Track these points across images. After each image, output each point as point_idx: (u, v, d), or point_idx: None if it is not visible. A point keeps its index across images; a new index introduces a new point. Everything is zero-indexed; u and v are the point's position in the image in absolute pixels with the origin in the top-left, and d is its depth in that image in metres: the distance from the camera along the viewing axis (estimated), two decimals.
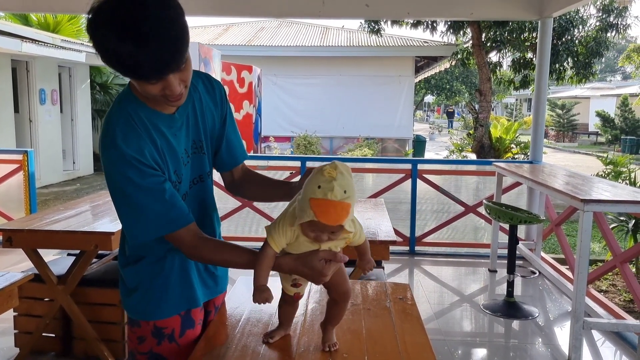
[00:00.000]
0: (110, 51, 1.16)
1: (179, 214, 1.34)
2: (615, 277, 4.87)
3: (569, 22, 11.10)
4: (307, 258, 1.31)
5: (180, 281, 1.49)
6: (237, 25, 18.64)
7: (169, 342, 1.49)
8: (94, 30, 1.17)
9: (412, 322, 1.62)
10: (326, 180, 1.21)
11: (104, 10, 1.15)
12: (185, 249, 1.38)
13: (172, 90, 1.24)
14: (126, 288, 1.51)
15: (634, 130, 23.28)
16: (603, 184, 3.88)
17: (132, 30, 1.12)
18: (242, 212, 5.60)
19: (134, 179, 1.28)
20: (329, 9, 5.10)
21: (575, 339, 3.16)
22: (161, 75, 1.20)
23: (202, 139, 1.49)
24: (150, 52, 1.14)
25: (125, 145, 1.28)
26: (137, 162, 1.29)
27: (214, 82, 1.54)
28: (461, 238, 5.79)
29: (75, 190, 10.05)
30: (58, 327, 3.07)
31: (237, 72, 10.43)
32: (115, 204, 1.35)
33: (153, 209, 1.31)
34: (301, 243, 1.31)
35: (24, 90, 10.01)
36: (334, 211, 1.21)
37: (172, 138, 1.39)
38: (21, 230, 2.78)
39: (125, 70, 1.19)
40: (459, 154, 13.28)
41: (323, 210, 1.20)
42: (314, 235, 1.26)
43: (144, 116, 1.34)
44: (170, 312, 1.48)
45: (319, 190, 1.21)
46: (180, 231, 1.35)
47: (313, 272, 1.31)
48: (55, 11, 9.52)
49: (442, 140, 25.00)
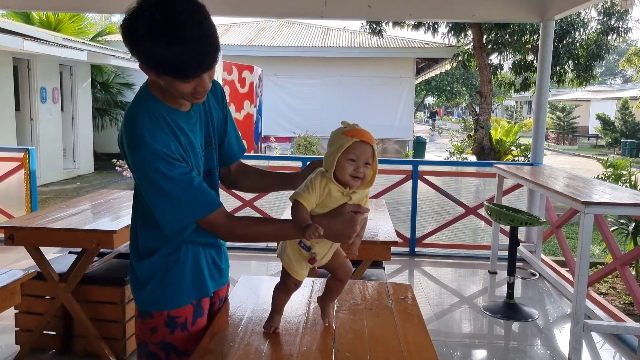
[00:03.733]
0: (157, 56, 1.28)
1: (209, 199, 1.43)
2: (615, 280, 4.88)
3: (570, 24, 11.10)
4: (336, 211, 1.42)
5: (193, 271, 1.56)
6: (239, 26, 18.63)
7: (182, 331, 1.55)
8: (138, 39, 1.29)
9: (414, 322, 1.63)
10: (348, 125, 1.44)
11: (142, 18, 1.26)
12: (220, 230, 1.47)
13: (204, 86, 1.38)
14: (138, 282, 1.55)
15: (634, 133, 23.30)
16: (603, 186, 3.88)
17: (177, 36, 1.26)
18: (243, 212, 5.60)
19: (165, 172, 1.37)
20: (331, 10, 5.10)
21: (575, 341, 3.16)
22: (201, 73, 1.33)
23: (211, 134, 1.60)
24: (195, 54, 1.29)
25: (153, 142, 1.37)
26: (165, 156, 1.37)
27: (215, 82, 1.62)
28: (461, 239, 5.79)
29: (76, 188, 10.05)
30: (59, 325, 3.08)
31: (238, 72, 10.43)
32: (149, 197, 1.42)
33: (186, 197, 1.40)
34: (332, 197, 1.42)
35: (25, 89, 10.01)
36: (366, 132, 1.42)
37: (191, 134, 1.49)
38: (23, 228, 2.79)
39: (168, 72, 1.31)
40: (459, 155, 13.29)
41: (357, 132, 1.40)
42: (354, 166, 1.39)
43: (165, 114, 1.43)
44: (185, 301, 1.55)
45: (346, 128, 1.42)
46: (214, 214, 1.44)
47: (344, 224, 1.41)
48: (57, 9, 9.51)
49: (442, 142, 25.00)
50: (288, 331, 1.54)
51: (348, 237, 1.42)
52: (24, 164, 5.49)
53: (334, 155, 1.39)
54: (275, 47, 15.39)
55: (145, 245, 1.53)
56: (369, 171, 1.42)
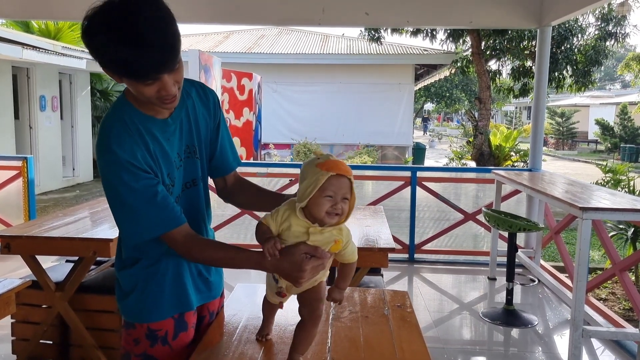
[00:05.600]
0: (109, 55, 1.23)
1: (171, 216, 1.39)
2: (614, 286, 4.86)
3: (568, 30, 11.13)
4: (289, 250, 1.31)
5: (174, 284, 1.53)
6: (238, 33, 18.70)
7: (162, 344, 1.52)
8: (91, 37, 1.24)
9: (410, 330, 1.62)
10: (321, 156, 1.31)
11: (99, 17, 1.22)
12: (178, 249, 1.43)
13: (168, 90, 1.30)
14: (122, 291, 1.54)
15: (633, 138, 23.32)
16: (602, 192, 3.88)
17: (130, 33, 1.20)
18: (240, 219, 5.59)
19: (128, 182, 1.34)
20: (329, 17, 5.12)
21: (575, 347, 3.15)
22: (158, 74, 1.26)
23: (195, 143, 1.54)
24: (148, 52, 1.21)
25: (119, 150, 1.34)
26: (130, 166, 1.34)
27: (207, 91, 1.59)
28: (460, 246, 5.78)
29: (75, 196, 10.05)
30: (55, 334, 3.06)
31: (238, 80, 10.44)
32: (111, 206, 1.40)
33: (146, 210, 1.36)
34: (291, 232, 1.31)
35: (25, 97, 10.03)
36: (342, 163, 1.29)
37: (165, 142, 1.44)
38: (20, 237, 2.78)
39: (124, 72, 1.26)
40: (459, 161, 13.29)
41: (332, 165, 1.27)
42: (330, 203, 1.27)
43: (138, 121, 1.39)
44: (164, 314, 1.51)
45: (319, 160, 1.29)
46: (173, 232, 1.40)
47: (292, 266, 1.29)
48: (56, 18, 9.55)
49: (441, 148, 25.02)
50: (283, 340, 1.53)
51: (295, 281, 1.32)
52: (22, 172, 5.49)
53: (308, 191, 1.27)
54: (274, 55, 15.44)
55: (127, 254, 1.52)
56: (347, 206, 1.30)
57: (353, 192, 1.31)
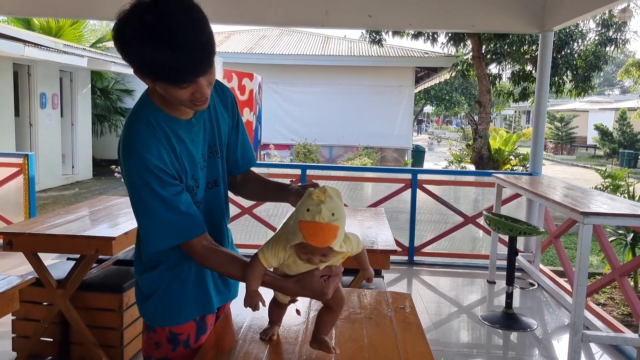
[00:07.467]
0: (144, 59, 1.21)
1: (193, 224, 1.38)
2: (613, 291, 4.87)
3: (568, 35, 11.17)
4: (306, 280, 1.34)
5: (196, 287, 1.51)
6: (239, 33, 18.71)
7: (184, 348, 1.51)
8: (124, 41, 1.21)
9: (413, 332, 1.63)
10: (315, 204, 1.24)
11: (132, 21, 1.19)
12: (195, 256, 1.42)
13: (202, 92, 1.28)
14: (142, 295, 1.52)
15: (632, 144, 23.37)
16: (602, 197, 3.89)
17: (166, 37, 1.17)
18: (241, 219, 5.60)
19: (154, 188, 1.32)
20: (332, 19, 5.13)
21: (574, 352, 3.16)
22: (195, 77, 1.24)
23: (217, 143, 1.53)
24: (185, 56, 1.19)
25: (147, 154, 1.31)
26: (157, 170, 1.32)
27: (225, 90, 1.57)
28: (460, 249, 5.79)
29: (74, 194, 10.04)
30: (56, 332, 3.06)
31: (238, 80, 10.46)
32: (134, 210, 1.38)
33: (169, 219, 1.35)
34: (299, 264, 1.34)
35: (25, 94, 10.03)
36: (321, 233, 1.23)
37: (190, 143, 1.42)
38: (22, 234, 2.78)
39: (159, 76, 1.24)
40: (458, 164, 13.31)
41: (311, 232, 1.23)
42: (306, 257, 1.29)
43: (163, 123, 1.37)
44: (186, 318, 1.51)
45: (308, 213, 1.24)
46: (193, 241, 1.38)
47: (314, 293, 1.36)
48: (58, 16, 9.55)
49: (440, 151, 25.05)
50: (287, 340, 1.54)
51: (320, 300, 1.40)
52: (23, 169, 5.48)
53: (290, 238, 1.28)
54: (275, 55, 15.46)
55: (147, 258, 1.49)
56: (332, 256, 1.31)
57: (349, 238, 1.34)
